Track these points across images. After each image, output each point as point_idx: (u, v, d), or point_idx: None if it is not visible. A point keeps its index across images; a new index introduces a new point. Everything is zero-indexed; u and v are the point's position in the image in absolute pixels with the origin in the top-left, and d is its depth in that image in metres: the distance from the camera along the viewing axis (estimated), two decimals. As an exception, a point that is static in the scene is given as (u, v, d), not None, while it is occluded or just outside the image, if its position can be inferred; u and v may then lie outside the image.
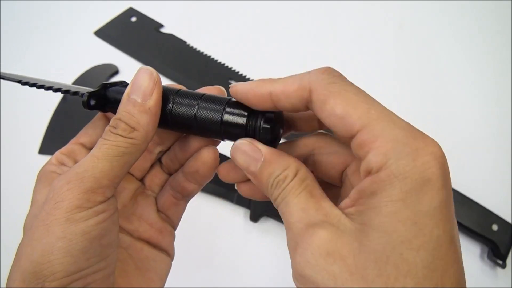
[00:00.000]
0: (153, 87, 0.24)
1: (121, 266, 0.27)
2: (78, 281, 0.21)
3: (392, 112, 0.22)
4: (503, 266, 0.54)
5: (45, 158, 0.61)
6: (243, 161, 0.24)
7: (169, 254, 0.31)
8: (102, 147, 0.23)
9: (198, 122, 0.26)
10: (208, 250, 0.54)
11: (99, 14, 0.74)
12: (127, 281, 0.27)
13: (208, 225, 0.56)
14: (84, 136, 0.29)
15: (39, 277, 0.21)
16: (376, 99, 0.23)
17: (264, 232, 0.55)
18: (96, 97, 0.26)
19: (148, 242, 0.30)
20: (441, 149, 0.21)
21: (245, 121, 0.25)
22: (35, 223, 0.22)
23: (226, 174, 0.28)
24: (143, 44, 0.71)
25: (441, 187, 0.19)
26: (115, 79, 0.68)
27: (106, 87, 0.27)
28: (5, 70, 0.69)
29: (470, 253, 0.57)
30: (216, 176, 0.30)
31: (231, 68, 0.69)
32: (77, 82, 0.66)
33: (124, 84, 0.27)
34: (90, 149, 0.27)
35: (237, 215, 0.56)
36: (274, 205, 0.24)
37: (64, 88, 0.26)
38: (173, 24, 0.74)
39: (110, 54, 0.70)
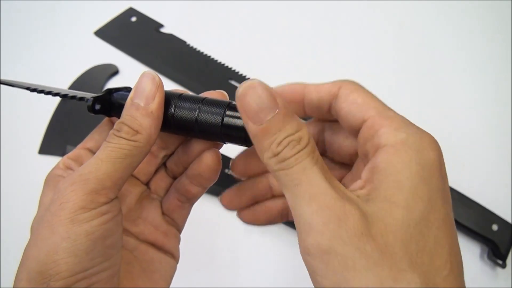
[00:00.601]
0: (155, 91, 0.25)
1: (126, 268, 0.28)
2: (82, 281, 0.22)
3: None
4: (503, 266, 0.54)
5: (45, 158, 0.62)
6: (255, 104, 0.21)
7: (174, 256, 0.32)
8: (106, 149, 0.24)
9: (199, 125, 0.26)
10: (208, 250, 0.54)
11: (99, 14, 0.74)
12: (132, 282, 0.28)
13: (208, 225, 0.56)
14: (90, 141, 0.29)
15: (44, 276, 0.21)
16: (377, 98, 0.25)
17: (264, 232, 0.55)
18: (101, 101, 0.27)
19: (154, 245, 0.30)
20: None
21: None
22: (40, 224, 0.22)
23: (229, 201, 0.30)
24: (143, 44, 0.71)
25: (442, 170, 0.21)
26: (115, 79, 0.68)
27: (111, 92, 0.27)
28: (5, 70, 0.69)
29: (470, 253, 0.57)
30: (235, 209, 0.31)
31: (231, 68, 0.69)
32: (77, 82, 0.66)
33: (128, 89, 0.28)
34: None
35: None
36: (275, 167, 0.21)
37: (70, 94, 0.27)
38: (173, 24, 0.74)
39: (110, 54, 0.70)
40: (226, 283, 0.52)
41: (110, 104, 0.27)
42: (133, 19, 0.74)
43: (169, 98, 0.26)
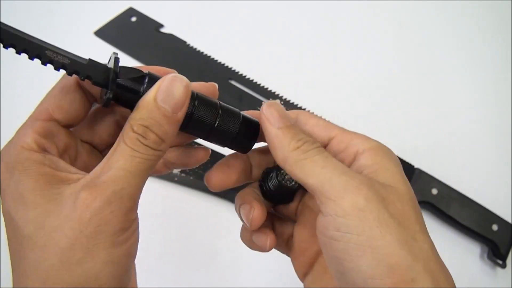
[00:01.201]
0: (185, 100, 0.24)
1: None
2: None
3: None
4: (503, 266, 0.54)
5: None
6: (277, 112, 0.26)
7: None
8: (134, 160, 0.22)
9: (217, 130, 0.27)
10: (208, 250, 0.54)
11: (99, 14, 0.74)
12: None
13: (208, 225, 0.56)
14: (58, 111, 0.24)
15: None
16: (377, 98, 0.29)
17: (264, 232, 0.55)
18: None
19: None
20: None
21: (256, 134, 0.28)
22: (64, 244, 0.20)
23: (216, 182, 0.30)
24: (143, 44, 0.71)
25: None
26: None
27: (117, 76, 0.24)
28: (5, 70, 0.69)
29: (470, 253, 0.57)
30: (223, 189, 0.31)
31: (231, 68, 0.69)
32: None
33: (141, 75, 0.25)
34: (65, 127, 0.25)
35: (237, 215, 0.56)
36: (299, 156, 0.24)
37: (58, 62, 0.23)
38: (173, 24, 0.74)
39: (110, 54, 0.69)
40: (226, 283, 0.52)
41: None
42: (133, 19, 0.74)
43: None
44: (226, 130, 0.27)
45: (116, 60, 0.25)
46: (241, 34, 0.75)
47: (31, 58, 0.23)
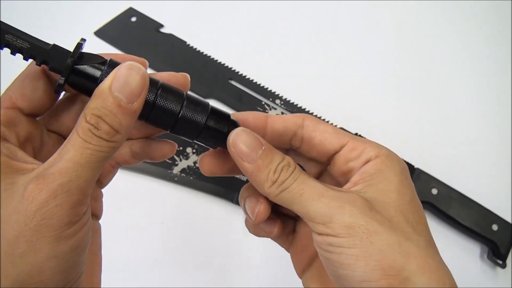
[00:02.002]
0: (142, 90, 0.22)
1: None
2: None
3: None
4: (503, 266, 0.54)
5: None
6: (245, 147, 0.25)
7: (98, 216, 0.32)
8: (85, 151, 0.21)
9: (181, 121, 0.25)
10: (208, 250, 0.54)
11: (99, 14, 0.74)
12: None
13: (208, 225, 0.56)
14: (21, 98, 0.24)
15: None
16: (376, 98, 0.29)
17: (264, 232, 0.55)
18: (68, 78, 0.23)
19: None
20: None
21: (226, 129, 0.27)
22: (10, 236, 0.20)
23: (210, 166, 0.29)
24: (143, 44, 0.71)
25: (408, 171, 0.27)
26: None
27: (75, 63, 0.24)
28: (5, 70, 0.69)
29: (470, 253, 0.57)
30: (216, 176, 0.30)
31: (231, 68, 0.69)
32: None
33: (99, 61, 0.24)
34: (29, 115, 0.25)
35: (237, 215, 0.56)
36: (276, 191, 0.25)
37: (16, 47, 0.23)
38: (173, 24, 0.74)
39: (110, 54, 0.69)
40: (226, 283, 0.52)
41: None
42: (133, 19, 0.74)
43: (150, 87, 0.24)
44: (192, 122, 0.25)
45: (78, 45, 0.24)
46: (241, 34, 0.75)
47: None
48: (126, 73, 0.22)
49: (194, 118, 0.26)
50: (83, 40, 0.25)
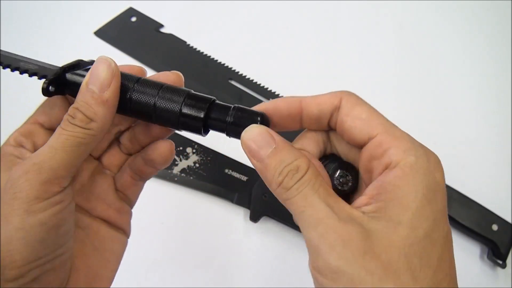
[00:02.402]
0: (111, 79, 0.25)
1: (78, 246, 0.28)
2: (36, 269, 0.23)
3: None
4: (503, 266, 0.54)
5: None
6: (255, 144, 0.24)
7: (126, 233, 0.32)
8: (60, 137, 0.24)
9: (157, 112, 0.26)
10: (208, 250, 0.54)
11: (99, 14, 0.74)
12: (84, 261, 0.28)
13: (208, 225, 0.56)
14: (42, 115, 0.28)
15: None
16: (376, 98, 0.26)
17: (264, 232, 0.55)
18: (56, 83, 0.26)
19: (106, 221, 0.30)
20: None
21: (203, 115, 0.25)
22: None
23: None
24: (143, 44, 0.71)
25: (445, 190, 0.22)
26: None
27: (65, 70, 0.27)
28: (5, 74, 0.69)
29: (470, 253, 0.57)
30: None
31: (231, 68, 0.69)
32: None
33: (84, 67, 0.27)
34: (48, 129, 0.28)
35: (237, 215, 0.56)
36: (282, 197, 0.23)
37: (21, 68, 0.26)
38: (173, 24, 0.74)
39: (110, 54, 0.69)
40: (226, 283, 0.52)
41: (65, 82, 0.26)
42: (133, 19, 0.74)
43: (127, 82, 0.26)
44: (167, 109, 0.26)
45: (76, 62, 0.28)
46: (241, 34, 0.75)
47: (12, 70, 0.27)
48: (96, 66, 0.25)
49: (169, 107, 0.26)
50: (81, 60, 0.28)
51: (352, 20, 0.78)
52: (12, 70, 0.26)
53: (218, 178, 0.56)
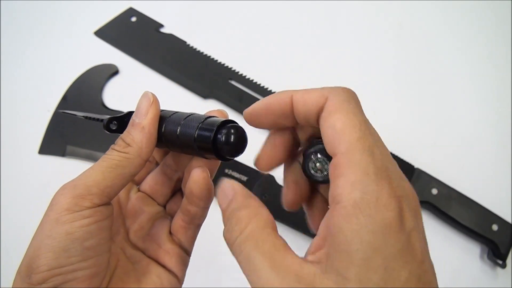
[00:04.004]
0: (148, 108, 0.27)
1: (120, 274, 0.29)
2: (58, 276, 0.23)
3: (379, 148, 0.21)
4: (503, 266, 0.54)
5: (45, 158, 0.62)
6: (219, 199, 0.26)
7: (177, 276, 0.32)
8: (100, 161, 0.26)
9: (180, 139, 0.27)
10: (208, 250, 0.54)
11: (99, 14, 0.74)
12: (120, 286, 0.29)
13: (209, 225, 0.56)
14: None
15: (29, 269, 0.23)
16: (376, 98, 0.24)
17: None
18: (118, 121, 0.29)
19: (157, 261, 0.31)
20: (411, 193, 0.21)
21: (212, 135, 0.25)
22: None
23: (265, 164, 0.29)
24: (143, 44, 0.71)
25: (399, 231, 0.19)
26: (115, 79, 0.68)
27: (131, 113, 0.29)
28: (5, 70, 0.69)
29: (470, 253, 0.57)
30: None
31: (231, 68, 0.69)
32: (77, 82, 0.66)
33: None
34: (136, 183, 0.33)
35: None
36: (231, 250, 0.24)
37: (104, 119, 0.29)
38: (173, 24, 0.74)
39: (110, 54, 0.70)
40: (226, 283, 0.52)
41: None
42: (133, 19, 0.74)
43: (163, 116, 0.28)
44: (186, 137, 0.26)
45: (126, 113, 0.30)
46: (241, 34, 0.75)
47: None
48: (140, 100, 0.28)
49: (187, 134, 0.26)
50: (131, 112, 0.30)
51: (352, 20, 0.78)
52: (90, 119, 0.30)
53: (218, 178, 0.56)
